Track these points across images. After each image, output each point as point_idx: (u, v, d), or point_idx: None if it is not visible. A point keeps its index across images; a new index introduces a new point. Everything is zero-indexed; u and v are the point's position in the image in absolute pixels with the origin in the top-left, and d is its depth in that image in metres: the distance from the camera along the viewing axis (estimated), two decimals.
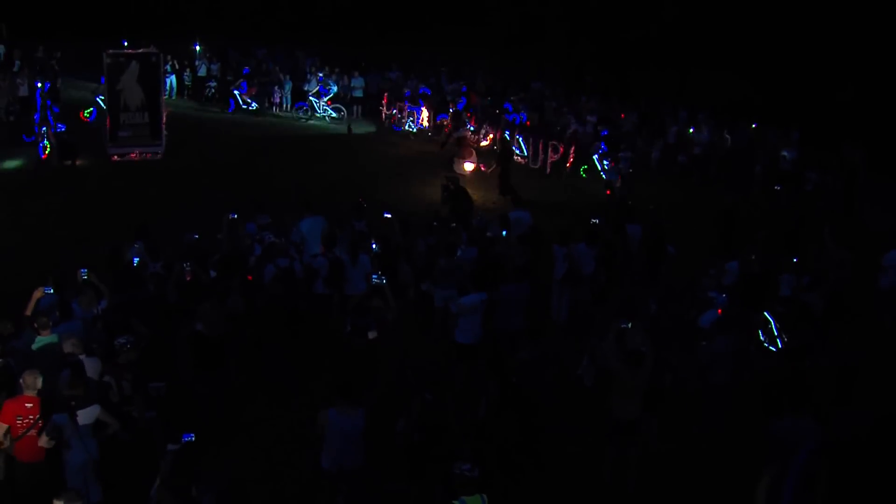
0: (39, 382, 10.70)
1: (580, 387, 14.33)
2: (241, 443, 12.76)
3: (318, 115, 35.33)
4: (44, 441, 10.48)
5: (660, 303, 15.59)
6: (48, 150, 26.86)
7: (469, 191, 22.75)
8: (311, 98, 35.45)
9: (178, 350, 13.69)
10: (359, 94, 36.15)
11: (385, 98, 35.57)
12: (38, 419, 10.48)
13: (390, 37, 43.98)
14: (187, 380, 13.22)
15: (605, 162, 27.80)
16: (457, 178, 24.00)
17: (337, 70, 37.45)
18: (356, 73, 36.79)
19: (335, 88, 35.92)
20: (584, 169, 28.77)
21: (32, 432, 10.51)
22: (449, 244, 16.15)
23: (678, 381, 13.43)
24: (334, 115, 35.44)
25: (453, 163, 28.11)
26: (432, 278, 15.46)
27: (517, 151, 29.61)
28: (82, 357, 11.69)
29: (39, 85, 28.84)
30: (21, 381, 10.68)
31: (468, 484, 9.23)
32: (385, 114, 35.11)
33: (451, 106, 32.90)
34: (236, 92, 35.90)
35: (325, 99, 35.49)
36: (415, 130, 34.11)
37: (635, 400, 11.94)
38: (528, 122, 31.49)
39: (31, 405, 10.53)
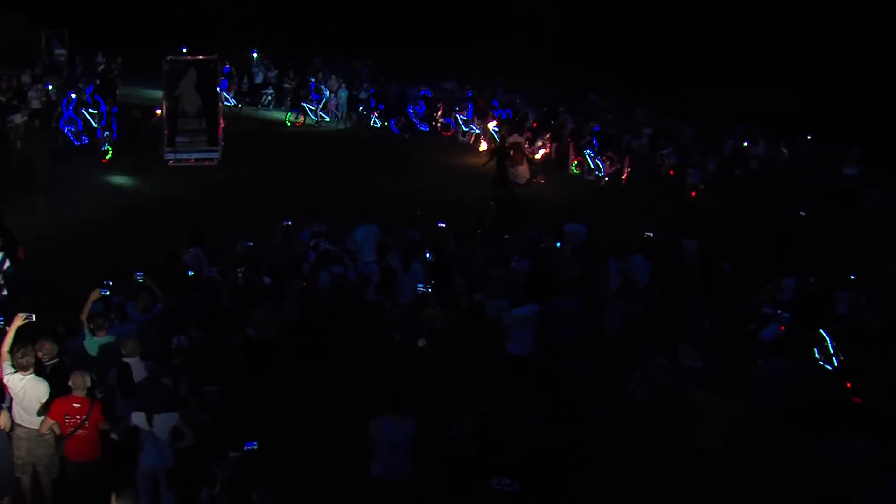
0: (88, 381, 10.86)
1: (632, 402, 14.18)
2: (291, 450, 12.70)
3: (311, 118, 35.55)
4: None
5: (713, 319, 15.42)
6: (109, 154, 27.24)
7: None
8: (303, 104, 35.64)
9: (231, 355, 13.76)
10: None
11: (441, 108, 35.58)
12: (85, 419, 10.62)
13: (445, 49, 44.05)
14: (239, 385, 13.27)
15: (597, 159, 29.39)
16: (512, 186, 24.05)
17: (383, 78, 37.75)
18: (413, 83, 36.90)
19: (327, 94, 36.24)
20: (576, 165, 30.15)
21: (80, 432, 10.67)
22: (502, 255, 16.11)
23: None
24: (327, 118, 35.74)
25: (506, 170, 28.11)
26: (485, 289, 15.41)
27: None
28: (135, 360, 11.80)
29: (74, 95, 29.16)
30: (70, 381, 10.83)
31: (508, 499, 9.14)
32: (440, 123, 35.10)
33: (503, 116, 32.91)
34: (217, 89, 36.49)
35: (320, 105, 35.85)
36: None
37: (720, 427, 11.72)
38: (534, 124, 31.80)
39: (78, 405, 10.68)
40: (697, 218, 21.39)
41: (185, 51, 30.70)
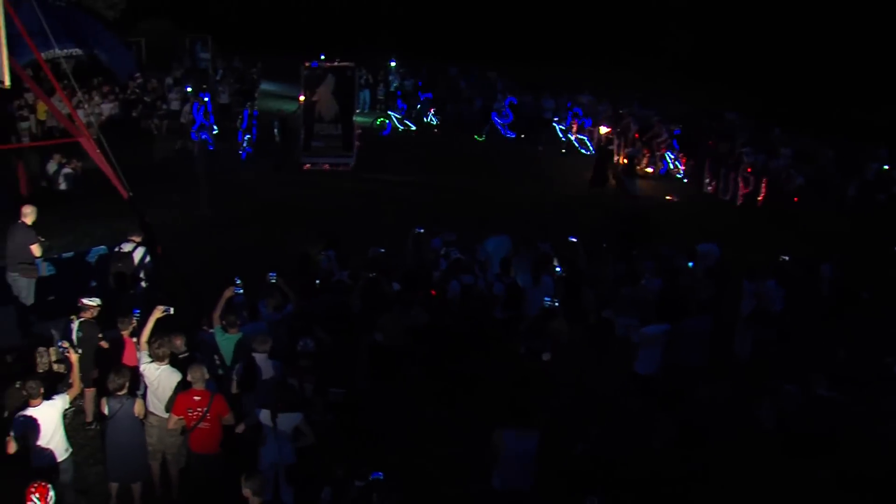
0: (206, 374, 11.21)
1: (759, 429, 13.85)
2: (411, 456, 12.75)
3: (399, 127, 35.79)
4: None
5: (849, 349, 14.96)
6: (252, 160, 28.00)
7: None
8: (389, 112, 36.01)
9: (357, 359, 13.90)
10: (548, 115, 36.03)
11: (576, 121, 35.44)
12: (206, 411, 10.94)
13: (582, 62, 43.92)
14: (364, 388, 13.39)
15: (676, 161, 30.81)
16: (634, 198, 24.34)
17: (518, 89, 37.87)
18: (547, 95, 36.78)
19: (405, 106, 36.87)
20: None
21: (203, 424, 11.01)
22: (633, 272, 15.92)
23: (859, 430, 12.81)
24: (413, 127, 35.97)
25: (624, 183, 28.23)
26: (615, 306, 15.25)
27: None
28: (263, 356, 12.04)
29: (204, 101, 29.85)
30: (189, 375, 11.15)
31: None
32: (576, 136, 34.94)
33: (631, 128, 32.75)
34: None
35: (405, 113, 36.33)
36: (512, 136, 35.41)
37: None
38: (636, 135, 31.65)
39: (199, 398, 11.03)
40: (798, 222, 20.83)
41: (323, 57, 31.23)
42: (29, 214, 15.35)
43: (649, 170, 30.74)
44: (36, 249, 15.23)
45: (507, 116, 35.43)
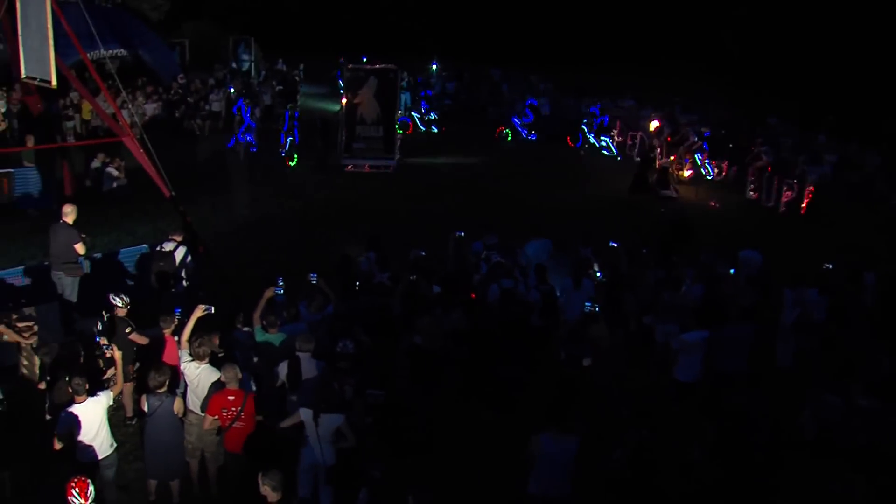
0: (239, 374, 11.22)
1: (800, 439, 13.71)
2: (448, 459, 12.68)
3: (420, 128, 35.95)
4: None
5: (893, 358, 14.78)
6: (294, 160, 28.08)
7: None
8: (412, 113, 36.17)
9: (397, 361, 13.91)
10: (586, 119, 35.96)
11: (618, 125, 35.30)
12: (241, 411, 10.99)
13: (628, 67, 43.78)
14: (402, 391, 13.40)
15: (706, 161, 31.09)
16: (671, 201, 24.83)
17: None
18: (587, 99, 36.75)
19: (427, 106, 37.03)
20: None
21: (238, 424, 11.07)
22: (674, 279, 15.83)
23: None
24: (435, 129, 36.19)
25: (659, 193, 28.33)
26: (655, 312, 15.17)
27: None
28: (307, 356, 12.06)
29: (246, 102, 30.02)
30: (222, 375, 11.21)
31: None
32: (617, 140, 34.84)
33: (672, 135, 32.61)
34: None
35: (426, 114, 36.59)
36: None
37: None
38: (668, 138, 31.71)
39: (233, 397, 11.08)
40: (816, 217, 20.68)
41: (365, 59, 31.35)
42: (69, 213, 15.49)
43: (687, 174, 30.59)
44: (80, 248, 15.39)
45: (528, 117, 35.45)
